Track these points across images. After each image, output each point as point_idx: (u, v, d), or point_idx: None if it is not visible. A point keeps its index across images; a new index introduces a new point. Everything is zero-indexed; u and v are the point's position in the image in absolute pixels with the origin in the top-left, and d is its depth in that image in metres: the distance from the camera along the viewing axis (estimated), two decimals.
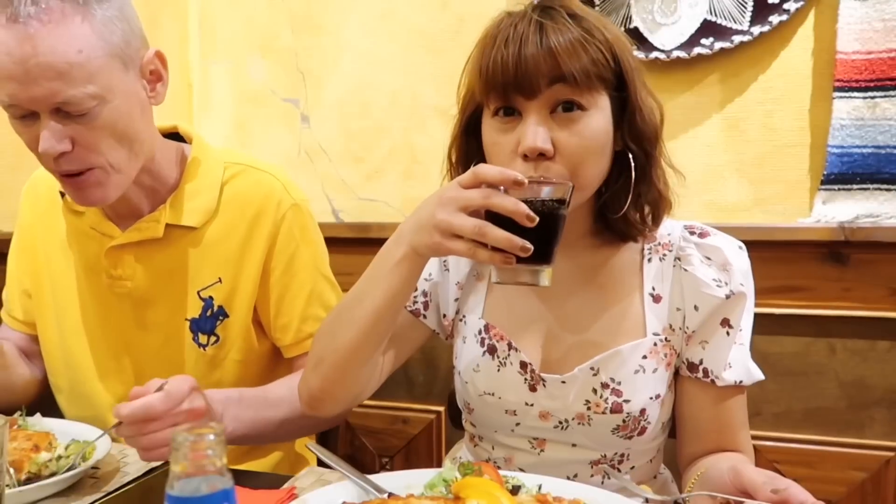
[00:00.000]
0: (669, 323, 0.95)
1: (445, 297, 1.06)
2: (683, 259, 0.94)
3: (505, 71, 0.84)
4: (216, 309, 1.13)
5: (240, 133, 2.03)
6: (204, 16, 2.04)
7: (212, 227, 1.12)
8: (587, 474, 0.96)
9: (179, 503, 0.51)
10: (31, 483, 0.85)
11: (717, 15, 1.54)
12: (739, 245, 0.96)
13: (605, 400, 0.92)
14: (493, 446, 1.02)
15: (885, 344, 1.51)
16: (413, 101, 1.84)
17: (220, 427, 0.52)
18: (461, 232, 0.77)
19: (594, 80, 0.85)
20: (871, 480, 1.53)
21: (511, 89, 0.85)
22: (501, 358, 0.98)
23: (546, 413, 0.95)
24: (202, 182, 1.13)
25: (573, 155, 0.85)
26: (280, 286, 1.14)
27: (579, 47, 0.83)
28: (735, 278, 0.92)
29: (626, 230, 0.95)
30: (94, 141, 0.96)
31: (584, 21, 0.86)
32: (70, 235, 1.17)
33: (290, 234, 1.14)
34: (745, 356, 0.94)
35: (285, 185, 1.16)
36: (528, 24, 0.85)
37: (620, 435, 0.93)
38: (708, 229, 0.97)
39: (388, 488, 0.80)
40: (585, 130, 0.85)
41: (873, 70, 1.45)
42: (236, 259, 1.12)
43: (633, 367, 0.92)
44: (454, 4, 1.78)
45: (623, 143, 0.90)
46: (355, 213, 1.92)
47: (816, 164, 1.54)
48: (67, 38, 0.90)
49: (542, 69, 0.83)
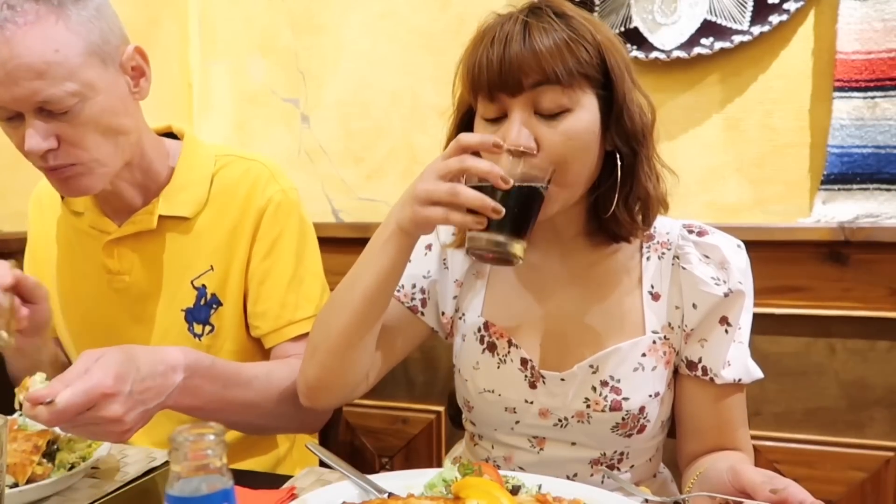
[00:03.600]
0: (668, 321, 0.95)
1: (444, 294, 1.06)
2: (682, 257, 0.94)
3: (490, 70, 0.85)
4: (209, 297, 1.13)
5: (240, 133, 2.03)
6: (204, 16, 2.04)
7: (203, 216, 1.13)
8: (587, 473, 0.96)
9: (179, 503, 0.51)
10: (30, 483, 0.85)
11: (717, 15, 1.54)
12: (738, 243, 0.96)
13: (605, 398, 0.92)
14: (493, 445, 1.02)
15: (885, 344, 1.51)
16: (413, 101, 1.84)
17: (220, 427, 0.52)
18: (436, 197, 0.80)
19: (578, 79, 0.85)
20: (871, 480, 1.53)
21: (496, 87, 0.86)
22: (501, 355, 0.98)
23: (545, 411, 0.95)
24: (193, 174, 1.14)
25: (557, 153, 0.86)
26: (261, 271, 1.14)
27: (564, 47, 0.84)
28: (733, 276, 0.92)
29: (616, 230, 0.95)
30: (79, 137, 0.98)
31: (571, 20, 0.86)
32: (72, 237, 1.18)
33: (273, 219, 1.14)
34: (745, 354, 0.94)
35: (273, 173, 1.17)
36: (514, 23, 0.86)
37: (620, 433, 0.94)
38: (706, 228, 0.97)
39: (388, 488, 0.80)
40: (570, 129, 0.86)
41: (873, 70, 1.45)
42: (227, 246, 1.13)
43: (632, 365, 0.93)
44: (454, 4, 1.79)
45: (612, 142, 0.91)
46: (355, 213, 1.92)
47: (816, 164, 1.54)
48: (44, 39, 0.92)
49: (525, 68, 0.83)
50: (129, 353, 0.85)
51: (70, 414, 0.78)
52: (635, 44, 1.59)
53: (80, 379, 0.79)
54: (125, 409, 0.82)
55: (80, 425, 0.82)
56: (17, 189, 1.29)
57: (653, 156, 0.93)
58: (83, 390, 0.78)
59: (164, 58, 1.97)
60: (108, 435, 0.84)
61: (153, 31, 1.93)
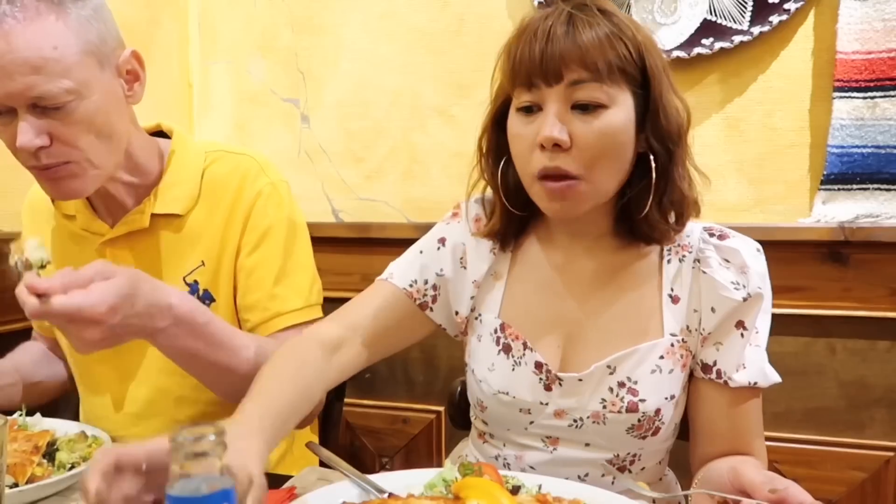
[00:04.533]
0: (686, 324, 0.94)
1: (460, 294, 1.05)
2: (703, 261, 0.94)
3: (532, 59, 0.86)
4: (202, 293, 1.13)
5: (240, 133, 2.03)
6: (204, 16, 2.04)
7: (195, 212, 1.13)
8: (598, 474, 0.96)
9: (179, 503, 0.51)
10: (30, 483, 0.85)
11: (717, 15, 1.54)
12: (757, 247, 0.95)
13: (622, 399, 0.92)
14: (505, 443, 1.02)
15: (885, 344, 1.51)
16: (413, 101, 1.84)
17: (221, 427, 0.52)
18: None
19: (617, 75, 0.86)
20: (871, 480, 1.53)
21: (535, 75, 0.86)
22: (516, 357, 0.97)
23: (561, 412, 0.95)
24: (183, 172, 1.14)
25: (590, 149, 0.86)
26: (249, 263, 1.13)
27: (606, 42, 0.85)
28: (753, 281, 0.91)
29: (649, 232, 0.94)
30: (72, 136, 0.98)
31: (614, 17, 0.87)
32: (66, 241, 1.18)
33: (262, 212, 1.14)
34: (761, 358, 0.93)
35: (262, 166, 1.17)
36: (559, 15, 0.87)
37: (635, 435, 0.93)
38: (727, 231, 0.96)
39: (388, 488, 0.80)
40: (605, 126, 0.86)
41: (873, 70, 1.45)
42: (217, 241, 1.13)
43: (649, 367, 0.92)
44: (454, 4, 1.78)
45: (646, 143, 0.90)
46: (355, 213, 1.92)
47: (816, 164, 1.54)
48: (42, 35, 0.93)
49: (567, 59, 0.84)
50: (134, 286, 0.85)
51: (52, 317, 0.80)
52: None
53: (80, 293, 0.80)
54: (102, 336, 0.83)
55: (53, 321, 0.84)
56: (17, 189, 1.28)
57: (686, 158, 0.93)
58: (76, 307, 0.79)
59: (164, 58, 1.97)
60: (73, 342, 0.85)
61: (153, 31, 1.93)
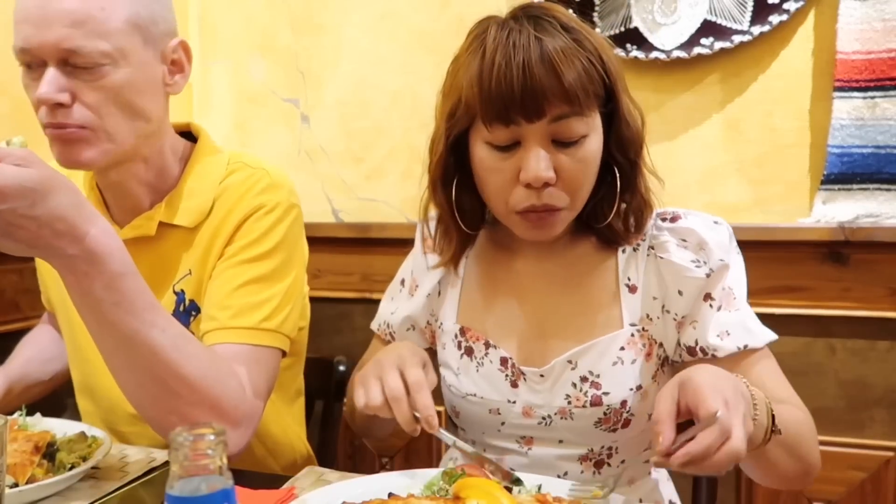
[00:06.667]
0: (646, 313, 0.94)
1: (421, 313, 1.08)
2: (658, 247, 0.94)
3: (511, 95, 0.82)
4: (188, 304, 1.08)
5: (240, 133, 2.03)
6: (204, 16, 2.04)
7: (205, 226, 1.07)
8: (577, 471, 0.96)
9: (179, 503, 0.51)
10: (30, 483, 0.85)
11: (717, 15, 1.54)
12: (715, 220, 0.94)
13: (585, 393, 0.92)
14: (484, 448, 1.02)
15: (885, 344, 1.51)
16: (413, 101, 1.84)
17: (221, 427, 0.52)
18: None
19: (592, 100, 0.85)
20: (871, 480, 1.53)
21: (515, 111, 0.83)
22: (479, 358, 0.98)
23: (529, 409, 0.95)
24: (201, 182, 1.09)
25: (574, 180, 0.87)
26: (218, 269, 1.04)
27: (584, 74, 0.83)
28: (713, 255, 0.91)
29: (611, 237, 0.95)
30: (95, 102, 0.95)
31: (573, 30, 0.85)
32: None
33: (254, 225, 1.05)
34: (744, 319, 0.91)
35: (274, 183, 1.09)
36: (527, 42, 0.82)
37: (603, 428, 0.93)
38: (679, 212, 0.96)
39: (387, 488, 0.80)
40: (586, 155, 0.87)
41: (873, 70, 1.45)
42: (205, 249, 1.06)
43: (611, 360, 0.92)
44: (454, 4, 1.79)
45: (609, 155, 0.91)
46: (355, 213, 1.92)
47: (816, 164, 1.54)
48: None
49: (551, 97, 0.82)
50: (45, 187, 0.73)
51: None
52: (635, 44, 1.59)
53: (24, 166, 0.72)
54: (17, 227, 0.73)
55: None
56: None
57: (644, 165, 0.93)
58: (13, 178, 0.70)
59: None
60: None
61: None
